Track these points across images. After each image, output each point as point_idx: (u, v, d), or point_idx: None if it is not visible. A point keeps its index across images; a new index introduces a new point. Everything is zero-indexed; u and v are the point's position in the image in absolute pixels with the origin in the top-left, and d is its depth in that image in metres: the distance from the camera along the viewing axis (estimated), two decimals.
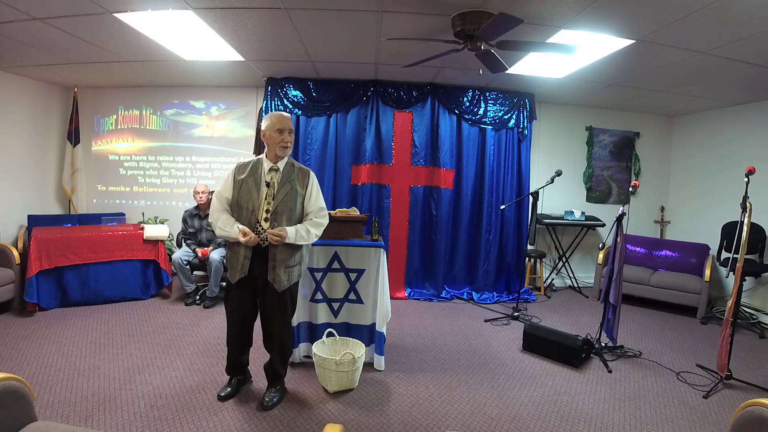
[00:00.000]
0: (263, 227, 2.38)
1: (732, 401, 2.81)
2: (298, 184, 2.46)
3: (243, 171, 2.45)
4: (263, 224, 2.38)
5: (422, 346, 3.59)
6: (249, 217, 2.38)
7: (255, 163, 2.46)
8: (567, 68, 4.08)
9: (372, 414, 2.54)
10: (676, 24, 2.83)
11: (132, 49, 3.89)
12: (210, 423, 2.35)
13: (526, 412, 2.63)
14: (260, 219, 2.38)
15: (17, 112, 4.89)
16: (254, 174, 2.42)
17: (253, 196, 2.39)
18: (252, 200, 2.39)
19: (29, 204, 5.05)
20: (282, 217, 2.39)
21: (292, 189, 2.43)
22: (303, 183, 2.48)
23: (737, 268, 2.97)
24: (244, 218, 2.40)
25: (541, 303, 5.04)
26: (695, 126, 5.63)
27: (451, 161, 5.13)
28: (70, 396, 2.56)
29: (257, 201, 2.39)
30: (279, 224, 2.38)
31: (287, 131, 2.40)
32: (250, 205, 2.39)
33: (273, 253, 2.39)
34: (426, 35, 3.19)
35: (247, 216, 2.39)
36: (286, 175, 2.45)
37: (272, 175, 2.43)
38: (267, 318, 2.54)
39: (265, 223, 2.38)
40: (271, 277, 2.41)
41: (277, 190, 2.41)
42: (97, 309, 4.15)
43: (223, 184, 2.50)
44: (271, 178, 2.42)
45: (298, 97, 4.99)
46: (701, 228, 5.26)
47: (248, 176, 2.42)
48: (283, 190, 2.41)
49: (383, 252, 3.11)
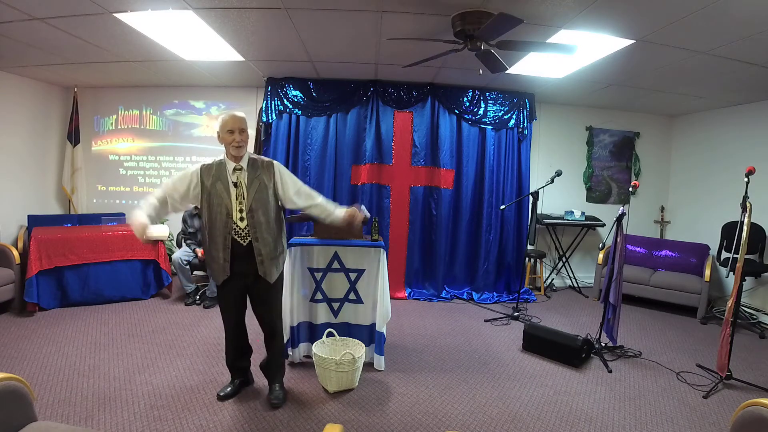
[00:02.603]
0: (240, 227, 2.39)
1: (732, 401, 2.81)
2: (266, 178, 2.45)
3: (208, 175, 2.40)
4: (239, 224, 2.39)
5: (422, 346, 3.59)
6: (226, 221, 2.37)
7: (218, 166, 2.42)
8: (567, 68, 4.08)
9: (372, 414, 2.54)
10: (676, 24, 2.83)
11: (132, 49, 3.89)
12: (210, 423, 2.35)
13: (526, 412, 2.63)
14: (236, 220, 2.39)
15: (17, 112, 4.89)
16: (220, 177, 2.40)
17: (224, 200, 2.37)
18: (224, 203, 2.37)
19: (29, 204, 5.05)
20: (258, 213, 2.40)
21: (261, 184, 2.43)
22: (269, 175, 2.47)
23: (737, 268, 2.97)
24: (220, 222, 2.37)
25: (541, 303, 5.04)
26: (695, 126, 5.63)
27: (451, 161, 5.13)
28: (70, 396, 2.56)
29: (230, 204, 2.38)
30: (256, 220, 2.39)
31: (238, 131, 2.37)
32: (223, 209, 2.37)
33: (258, 248, 2.41)
34: (426, 35, 3.19)
35: (223, 220, 2.37)
36: (252, 172, 2.43)
37: (237, 174, 2.40)
38: (263, 310, 2.57)
39: (241, 223, 2.39)
40: (262, 271, 2.44)
41: (247, 189, 2.40)
42: (97, 309, 4.15)
43: (181, 177, 2.42)
44: (237, 177, 2.40)
45: (298, 97, 4.99)
46: (701, 228, 5.26)
47: (215, 180, 2.39)
48: (253, 187, 2.41)
49: (383, 252, 3.11)
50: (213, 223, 2.40)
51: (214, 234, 2.40)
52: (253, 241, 2.40)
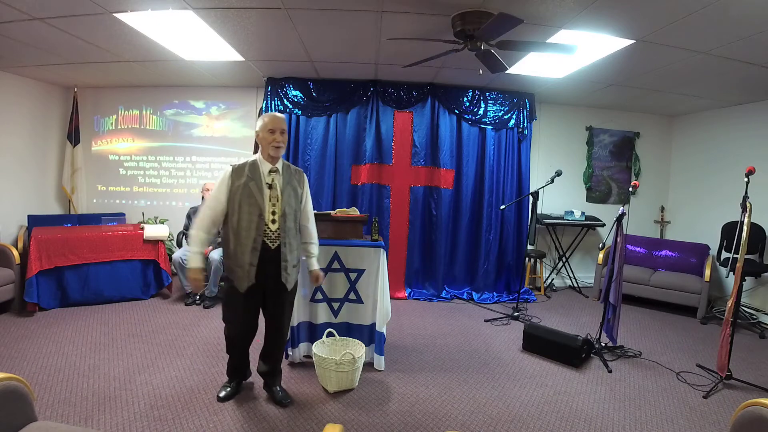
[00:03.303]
0: (271, 229, 2.38)
1: (732, 401, 2.81)
2: (297, 185, 2.49)
3: (240, 174, 2.38)
4: (271, 226, 2.37)
5: (422, 346, 3.58)
6: (258, 222, 2.34)
7: (252, 165, 2.40)
8: (567, 68, 4.08)
9: (372, 414, 2.54)
10: (676, 24, 2.83)
11: (132, 49, 3.89)
12: (210, 423, 2.35)
13: (526, 412, 2.63)
14: (267, 222, 2.38)
15: (17, 112, 4.89)
16: (254, 177, 2.38)
17: (258, 199, 2.35)
18: (257, 204, 2.35)
19: (29, 204, 5.05)
20: (289, 219, 2.41)
21: (294, 190, 2.46)
22: (301, 183, 2.52)
23: (737, 268, 2.97)
24: (251, 223, 2.34)
25: (541, 303, 5.04)
26: (695, 126, 5.63)
27: (451, 161, 5.13)
28: (70, 396, 2.56)
29: (263, 204, 2.36)
30: (287, 225, 2.40)
31: (279, 131, 2.37)
32: (256, 209, 2.34)
33: (284, 254, 2.41)
34: (426, 35, 3.19)
35: (255, 221, 2.34)
36: (286, 176, 2.45)
37: (273, 176, 2.41)
38: (277, 318, 2.56)
39: (273, 225, 2.37)
40: (284, 277, 2.43)
41: (281, 192, 2.40)
42: (97, 309, 4.15)
43: (218, 189, 2.40)
44: (272, 179, 2.40)
45: (298, 97, 4.99)
46: (701, 228, 5.26)
47: (248, 180, 2.36)
48: (286, 192, 2.41)
49: (383, 252, 3.11)
50: (243, 223, 2.35)
51: (243, 236, 2.35)
52: (282, 245, 2.39)
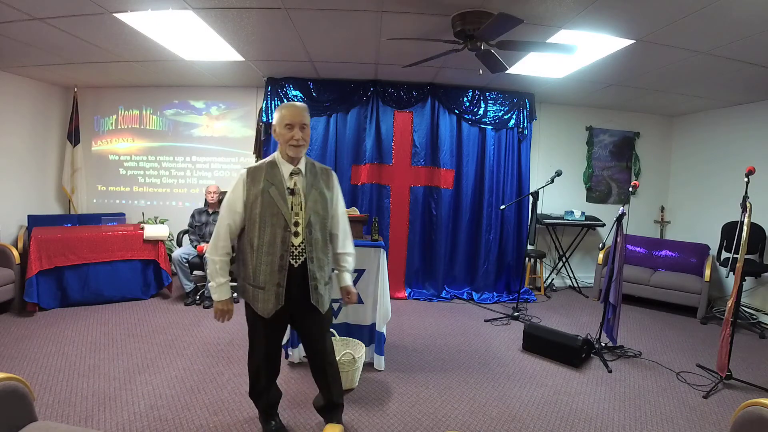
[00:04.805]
0: (294, 243, 1.97)
1: (732, 401, 2.81)
2: (325, 187, 2.08)
3: (258, 179, 1.97)
4: (294, 240, 1.97)
5: (422, 346, 3.58)
6: (284, 235, 1.94)
7: (270, 167, 2.00)
8: (567, 68, 4.08)
9: (372, 414, 2.54)
10: (676, 24, 2.83)
11: (132, 49, 3.89)
12: (210, 423, 2.35)
13: (526, 412, 2.63)
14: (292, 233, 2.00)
15: (17, 112, 4.89)
16: (274, 181, 1.97)
17: (282, 208, 1.95)
18: (282, 214, 1.95)
19: (29, 204, 5.05)
20: (315, 229, 2.01)
21: (320, 194, 2.05)
22: (329, 184, 2.11)
23: (737, 268, 2.97)
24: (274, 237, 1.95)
25: (541, 303, 5.04)
26: (695, 126, 5.63)
27: (451, 161, 5.13)
28: (70, 396, 2.56)
29: (288, 213, 1.96)
30: (314, 236, 2.01)
31: (298, 126, 1.96)
32: (280, 219, 1.94)
33: (312, 271, 2.00)
34: (426, 35, 3.19)
35: (280, 234, 1.94)
36: (311, 178, 2.04)
37: (295, 179, 1.99)
38: (318, 347, 2.17)
39: (295, 239, 1.97)
40: (315, 298, 2.02)
41: (305, 198, 1.99)
42: (97, 309, 4.15)
43: (233, 200, 1.99)
44: (294, 183, 1.99)
45: (298, 98, 4.99)
46: (701, 228, 5.26)
47: (267, 185, 1.96)
48: (312, 197, 2.01)
49: (383, 252, 3.10)
50: (266, 238, 1.94)
51: (265, 252, 1.95)
52: (308, 261, 1.99)
